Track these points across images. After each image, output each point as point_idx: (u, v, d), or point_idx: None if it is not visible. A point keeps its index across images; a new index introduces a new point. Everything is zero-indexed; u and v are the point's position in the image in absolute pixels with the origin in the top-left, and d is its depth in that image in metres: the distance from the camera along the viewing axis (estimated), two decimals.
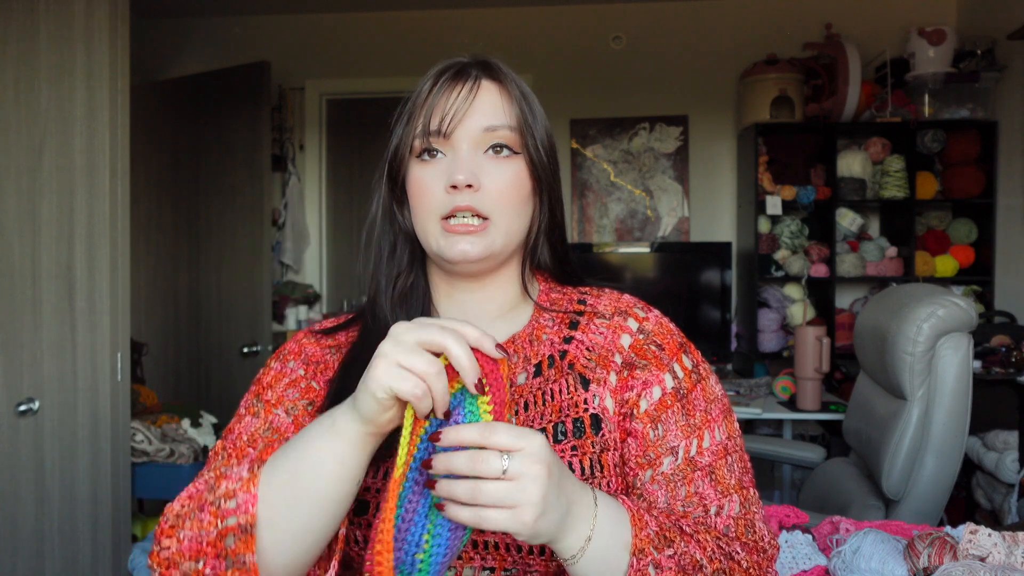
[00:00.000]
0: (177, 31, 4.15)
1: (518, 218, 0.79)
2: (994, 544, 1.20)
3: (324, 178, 4.17)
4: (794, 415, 2.85)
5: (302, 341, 0.85)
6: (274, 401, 0.79)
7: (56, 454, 1.98)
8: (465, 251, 0.76)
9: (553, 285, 0.87)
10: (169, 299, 3.66)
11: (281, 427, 0.76)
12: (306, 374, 0.81)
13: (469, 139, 0.77)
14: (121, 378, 2.10)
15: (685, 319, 3.57)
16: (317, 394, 0.80)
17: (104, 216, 2.03)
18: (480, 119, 0.77)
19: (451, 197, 0.76)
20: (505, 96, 0.80)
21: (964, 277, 3.52)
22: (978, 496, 2.57)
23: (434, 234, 0.78)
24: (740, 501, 0.76)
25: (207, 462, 0.77)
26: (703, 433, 0.77)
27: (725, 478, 0.76)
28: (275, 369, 0.82)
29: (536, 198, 0.82)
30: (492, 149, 0.78)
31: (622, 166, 3.98)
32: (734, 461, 0.78)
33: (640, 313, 0.83)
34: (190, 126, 3.61)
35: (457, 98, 0.77)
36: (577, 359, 0.79)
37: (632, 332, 0.81)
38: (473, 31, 3.98)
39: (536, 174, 0.81)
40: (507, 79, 0.81)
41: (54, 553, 1.97)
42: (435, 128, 0.77)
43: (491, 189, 0.77)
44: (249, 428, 0.77)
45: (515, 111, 0.79)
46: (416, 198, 0.79)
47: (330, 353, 0.84)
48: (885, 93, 3.47)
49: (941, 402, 1.86)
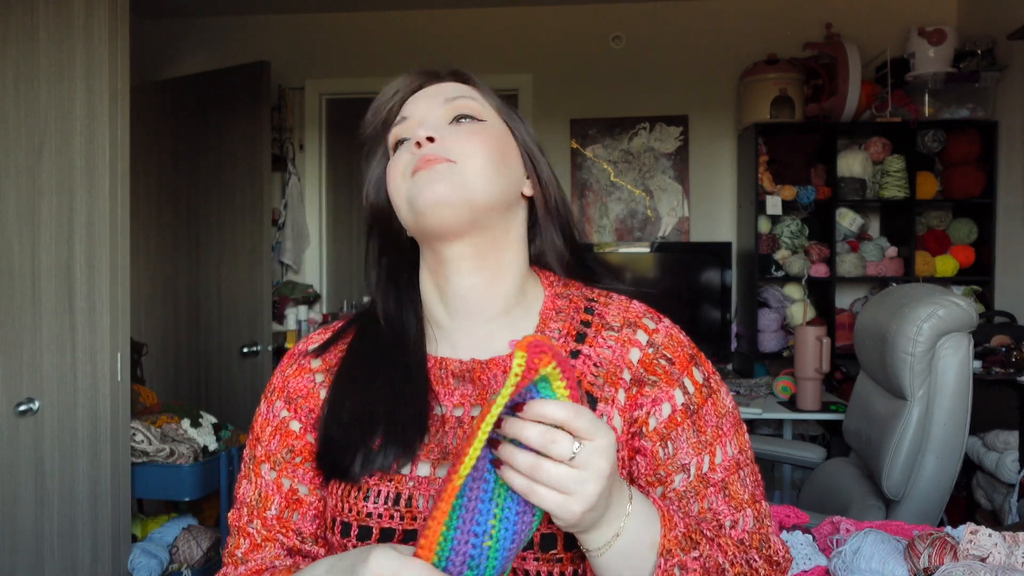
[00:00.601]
0: (177, 31, 4.15)
1: (490, 167, 0.74)
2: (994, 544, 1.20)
3: (324, 178, 4.17)
4: (794, 415, 2.84)
5: (287, 373, 0.83)
6: (262, 456, 0.80)
7: (56, 454, 1.98)
8: (436, 191, 0.71)
9: (559, 289, 0.82)
10: (169, 299, 3.66)
11: (268, 491, 0.79)
12: (290, 413, 0.80)
13: (431, 112, 0.77)
14: (121, 378, 2.10)
15: (685, 319, 3.55)
16: (297, 437, 0.79)
17: (104, 216, 2.03)
18: (442, 95, 0.78)
19: (415, 155, 0.74)
20: (474, 89, 0.80)
21: (964, 277, 3.52)
22: (978, 496, 2.57)
23: (405, 188, 0.74)
24: (754, 516, 0.75)
25: (229, 536, 0.81)
26: (715, 449, 0.75)
27: (739, 493, 0.75)
28: (263, 414, 0.82)
29: (523, 166, 0.80)
30: (456, 120, 0.77)
31: (622, 166, 3.98)
32: (746, 475, 0.76)
33: (650, 324, 0.78)
34: (190, 126, 3.61)
35: (422, 91, 0.79)
36: (584, 376, 0.75)
37: (642, 346, 0.77)
38: (473, 31, 3.98)
39: (519, 141, 0.80)
40: (476, 81, 0.81)
41: (54, 553, 1.97)
42: (401, 115, 0.78)
43: (456, 140, 0.74)
44: (247, 496, 0.80)
45: (482, 94, 0.80)
46: (389, 175, 0.77)
47: (318, 378, 0.81)
48: (885, 93, 3.47)
49: (941, 402, 1.86)
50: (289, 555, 0.79)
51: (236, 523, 0.80)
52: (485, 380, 0.75)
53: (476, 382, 0.76)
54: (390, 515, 0.72)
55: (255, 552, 0.78)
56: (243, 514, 0.80)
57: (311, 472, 0.78)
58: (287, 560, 0.78)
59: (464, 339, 0.78)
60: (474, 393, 0.76)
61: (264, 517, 0.78)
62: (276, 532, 0.78)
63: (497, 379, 0.75)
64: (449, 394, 0.76)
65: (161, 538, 2.37)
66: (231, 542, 0.80)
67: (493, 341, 0.77)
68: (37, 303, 1.93)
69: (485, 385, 0.75)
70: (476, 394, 0.75)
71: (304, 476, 0.79)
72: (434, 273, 0.79)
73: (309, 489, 0.78)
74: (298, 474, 0.78)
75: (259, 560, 0.78)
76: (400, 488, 0.73)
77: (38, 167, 1.93)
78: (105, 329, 2.04)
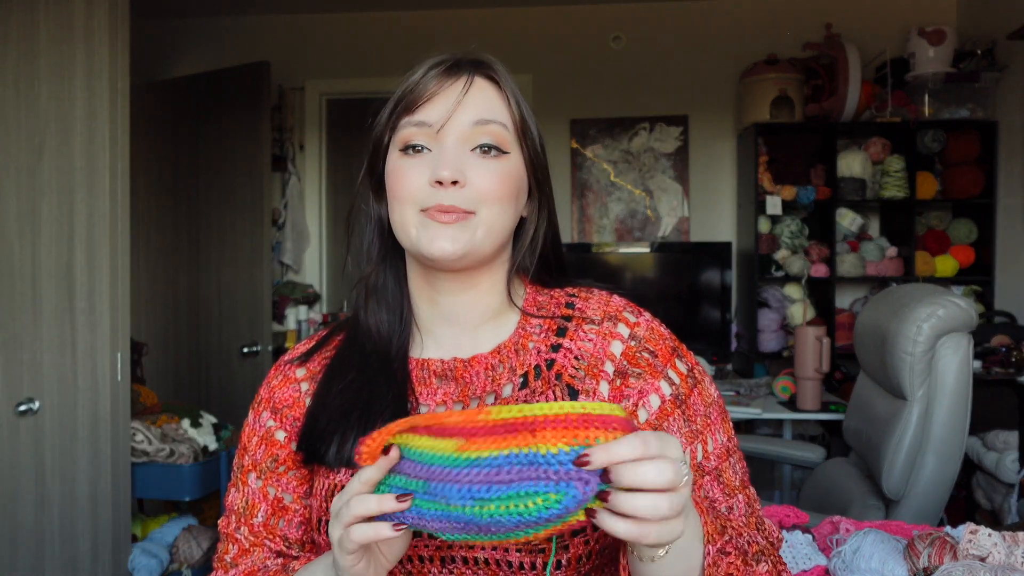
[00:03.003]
0: (177, 31, 4.15)
1: (503, 215, 0.75)
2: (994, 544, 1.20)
3: (324, 178, 4.17)
4: (794, 415, 2.85)
5: (272, 384, 0.84)
6: (249, 465, 0.82)
7: (56, 454, 1.98)
8: (444, 249, 0.71)
9: (539, 289, 0.83)
10: (169, 299, 3.66)
11: (254, 500, 0.81)
12: (276, 423, 0.82)
13: (457, 133, 0.73)
14: (121, 378, 2.10)
15: (685, 319, 3.57)
16: (281, 447, 0.81)
17: (104, 216, 2.03)
18: (470, 113, 0.74)
19: (434, 192, 0.72)
20: (499, 93, 0.77)
21: (964, 277, 3.52)
22: (978, 496, 2.57)
23: (413, 223, 0.73)
24: (746, 501, 0.76)
25: (219, 542, 0.83)
26: (706, 438, 0.76)
27: (731, 479, 0.76)
28: (250, 424, 0.84)
29: (529, 199, 0.80)
30: (480, 149, 0.74)
31: (622, 166, 3.98)
32: (735, 461, 0.77)
33: (631, 318, 0.79)
34: (190, 126, 3.61)
35: (447, 90, 0.74)
36: (565, 369, 0.76)
37: (623, 339, 0.77)
38: (473, 31, 3.98)
39: (535, 176, 0.79)
40: (502, 78, 0.77)
41: (54, 553, 1.97)
42: (421, 119, 0.74)
43: (478, 185, 0.73)
44: (235, 504, 0.82)
45: (509, 109, 0.76)
46: (395, 188, 0.74)
47: (302, 387, 0.82)
48: (885, 93, 3.47)
49: (941, 402, 1.86)
50: (278, 557, 0.81)
51: (225, 530, 0.83)
52: (467, 378, 0.77)
53: (459, 380, 0.77)
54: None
55: (244, 557, 0.81)
56: (231, 521, 0.82)
57: (295, 481, 0.81)
58: (277, 561, 0.80)
59: (450, 341, 0.80)
60: (456, 391, 0.77)
61: (251, 524, 0.80)
62: (263, 538, 0.80)
63: (479, 376, 0.77)
64: (431, 393, 0.78)
65: (161, 538, 2.37)
66: (221, 548, 0.82)
67: (478, 342, 0.79)
68: (37, 303, 1.93)
69: (467, 383, 0.77)
70: (458, 392, 0.77)
71: (288, 485, 0.81)
72: (424, 286, 0.80)
73: (294, 497, 0.81)
74: (282, 483, 0.80)
75: (249, 563, 0.80)
76: None
77: (38, 167, 1.93)
78: (105, 329, 2.04)
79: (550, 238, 0.82)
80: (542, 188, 0.80)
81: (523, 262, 0.81)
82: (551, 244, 0.83)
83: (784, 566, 0.74)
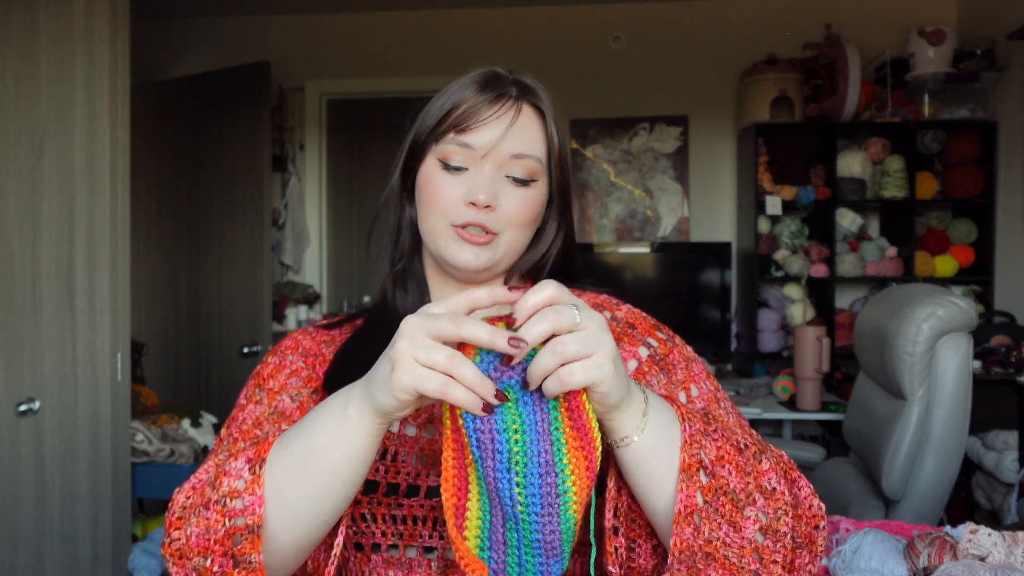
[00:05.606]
0: (177, 31, 4.15)
1: (523, 237, 0.83)
2: (994, 544, 1.20)
3: (324, 178, 4.17)
4: (794, 415, 2.85)
5: (298, 338, 0.87)
6: (277, 389, 0.81)
7: (56, 454, 1.98)
8: (468, 261, 0.79)
9: None
10: (169, 299, 3.66)
11: (286, 411, 0.78)
12: (305, 365, 0.83)
13: (496, 160, 0.79)
14: (121, 378, 2.10)
15: (685, 319, 3.57)
16: (319, 383, 0.81)
17: (104, 216, 2.03)
18: (511, 145, 0.79)
19: (467, 211, 0.78)
20: (541, 126, 0.82)
21: (964, 277, 3.52)
22: (978, 496, 2.57)
23: (444, 235, 0.80)
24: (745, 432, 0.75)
25: (211, 451, 0.79)
26: (689, 386, 0.78)
27: (722, 418, 0.76)
28: (273, 363, 0.84)
29: (550, 220, 0.86)
30: (514, 179, 0.80)
31: (622, 166, 3.98)
32: (728, 406, 0.79)
33: (614, 306, 0.87)
34: (190, 126, 3.61)
35: (496, 119, 0.79)
36: None
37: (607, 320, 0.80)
38: (473, 31, 3.98)
39: (559, 198, 0.85)
40: (547, 108, 0.83)
41: (54, 553, 1.97)
42: (467, 142, 0.79)
43: (507, 210, 0.79)
44: (253, 413, 0.79)
45: (546, 142, 0.82)
46: (430, 198, 0.80)
47: (326, 346, 0.85)
48: (885, 93, 3.47)
49: (941, 402, 1.86)
50: None
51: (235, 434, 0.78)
52: None
53: None
54: (375, 468, 0.74)
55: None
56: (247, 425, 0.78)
57: None
58: None
59: None
60: None
61: (280, 427, 0.75)
62: None
63: None
64: None
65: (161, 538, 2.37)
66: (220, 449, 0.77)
67: None
68: (37, 303, 1.93)
69: None
70: None
71: None
72: (436, 276, 0.87)
73: None
74: None
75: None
76: (386, 443, 0.75)
77: (38, 167, 1.93)
78: (105, 329, 2.04)
79: (562, 250, 0.88)
80: (563, 211, 0.87)
81: (530, 271, 0.87)
82: (563, 253, 0.89)
83: (798, 473, 0.70)
